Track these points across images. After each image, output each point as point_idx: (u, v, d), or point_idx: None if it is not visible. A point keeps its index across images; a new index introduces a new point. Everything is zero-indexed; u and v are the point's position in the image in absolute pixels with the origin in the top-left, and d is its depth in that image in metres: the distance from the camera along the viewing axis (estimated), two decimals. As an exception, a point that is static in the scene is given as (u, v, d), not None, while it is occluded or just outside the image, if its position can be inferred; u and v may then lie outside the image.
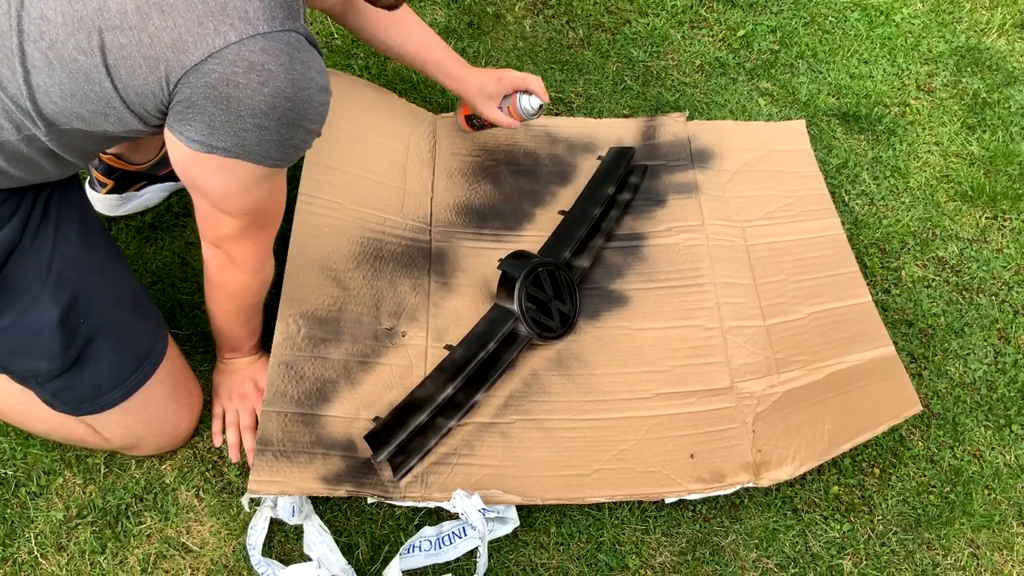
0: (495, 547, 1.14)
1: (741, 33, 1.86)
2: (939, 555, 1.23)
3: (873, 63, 1.86)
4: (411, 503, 1.12)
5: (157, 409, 1.09)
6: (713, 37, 1.85)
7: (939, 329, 1.47)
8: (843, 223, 1.52)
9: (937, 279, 1.54)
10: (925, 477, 1.30)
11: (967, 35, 1.95)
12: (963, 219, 1.63)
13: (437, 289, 1.31)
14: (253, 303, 1.12)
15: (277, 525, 1.12)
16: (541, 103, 1.29)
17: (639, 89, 1.72)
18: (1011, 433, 1.36)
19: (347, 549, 1.11)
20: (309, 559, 1.08)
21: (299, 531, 1.12)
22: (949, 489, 1.29)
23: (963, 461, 1.32)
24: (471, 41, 1.72)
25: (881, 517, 1.25)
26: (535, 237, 1.40)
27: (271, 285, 1.12)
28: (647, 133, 1.58)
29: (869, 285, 1.46)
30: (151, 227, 1.37)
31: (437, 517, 1.15)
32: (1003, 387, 1.41)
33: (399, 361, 1.22)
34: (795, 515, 1.23)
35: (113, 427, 1.07)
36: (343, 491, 1.08)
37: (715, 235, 1.43)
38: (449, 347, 1.23)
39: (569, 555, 1.15)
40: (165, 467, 1.16)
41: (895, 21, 1.95)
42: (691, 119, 1.64)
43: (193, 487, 1.15)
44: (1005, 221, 1.63)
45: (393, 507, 1.15)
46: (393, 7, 0.97)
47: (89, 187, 1.32)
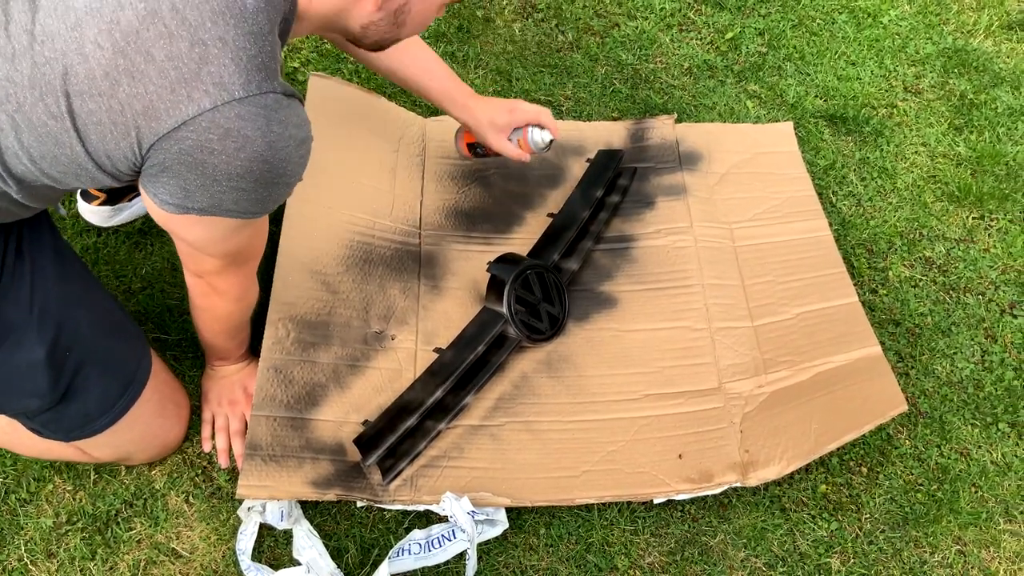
0: (484, 549, 1.14)
1: (729, 36, 1.87)
2: (926, 553, 1.23)
3: (861, 65, 1.87)
4: (400, 506, 1.12)
5: (145, 426, 1.09)
6: (701, 40, 1.86)
7: (926, 328, 1.48)
8: (831, 224, 1.53)
9: (924, 279, 1.55)
10: (912, 475, 1.31)
11: (954, 37, 1.96)
12: (950, 219, 1.64)
13: (426, 292, 1.32)
14: (239, 324, 1.13)
15: (266, 530, 1.12)
16: (552, 138, 1.26)
17: (628, 92, 1.72)
18: (997, 431, 1.37)
19: (336, 553, 1.11)
20: (298, 564, 1.09)
21: (288, 536, 1.12)
22: (936, 487, 1.30)
23: (950, 459, 1.33)
24: (460, 45, 1.72)
25: (869, 515, 1.25)
26: (524, 240, 1.40)
27: (260, 287, 1.12)
28: (636, 136, 1.59)
29: (857, 285, 1.47)
30: (140, 233, 1.37)
31: (427, 520, 1.16)
32: (989, 385, 1.42)
33: (388, 364, 1.23)
34: (783, 514, 1.23)
35: (102, 448, 1.07)
36: (332, 495, 1.08)
37: (703, 237, 1.44)
38: (439, 350, 1.23)
39: (558, 556, 1.16)
40: (155, 473, 1.16)
41: (882, 23, 1.96)
42: (679, 121, 1.64)
43: (183, 492, 1.15)
44: (992, 221, 1.64)
45: (382, 510, 1.16)
46: (379, 48, 0.96)
47: (81, 198, 1.32)
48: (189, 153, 0.75)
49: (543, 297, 1.29)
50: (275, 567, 1.08)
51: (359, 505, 1.14)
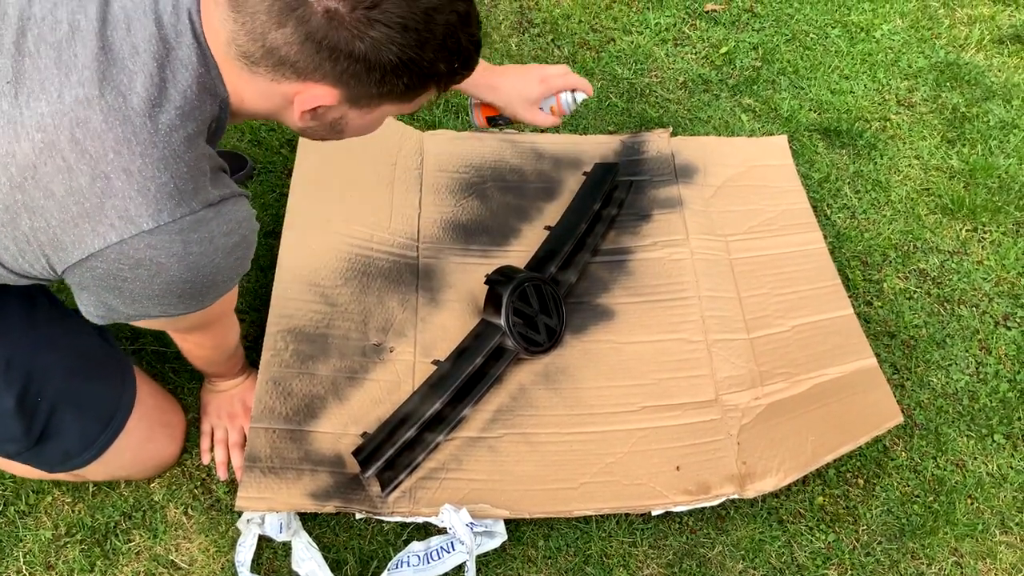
0: (483, 561, 1.15)
1: (724, 50, 1.89)
2: (923, 564, 1.24)
3: (854, 79, 1.89)
4: (399, 518, 1.12)
5: (135, 452, 1.09)
6: (696, 54, 1.88)
7: (921, 340, 1.49)
8: (825, 236, 1.54)
9: (919, 291, 1.56)
10: (909, 487, 1.31)
11: (946, 51, 1.98)
12: (944, 232, 1.65)
13: (425, 305, 1.32)
14: (227, 355, 1.13)
15: (265, 542, 1.12)
16: (586, 96, 1.22)
17: (624, 106, 1.74)
18: (993, 442, 1.38)
19: (335, 565, 1.12)
20: (298, 575, 1.09)
21: (287, 548, 1.12)
22: (933, 499, 1.30)
23: (946, 471, 1.34)
24: (458, 59, 1.74)
25: (866, 527, 1.26)
26: (522, 252, 1.41)
27: (259, 299, 1.13)
28: (632, 149, 1.60)
29: (851, 298, 1.48)
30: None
31: (425, 532, 1.16)
32: (985, 397, 1.43)
33: (387, 377, 1.23)
34: (780, 526, 1.24)
35: (94, 474, 1.08)
36: (331, 507, 1.09)
37: (699, 249, 1.45)
38: (437, 362, 1.24)
39: (557, 569, 1.16)
40: (153, 485, 1.17)
41: (875, 37, 1.99)
42: (675, 135, 1.66)
43: (182, 505, 1.15)
44: (985, 233, 1.66)
45: (381, 522, 1.16)
46: (328, 140, 0.92)
47: None
48: (103, 279, 0.74)
49: (541, 309, 1.30)
50: (274, 580, 1.09)
51: (358, 517, 1.14)
